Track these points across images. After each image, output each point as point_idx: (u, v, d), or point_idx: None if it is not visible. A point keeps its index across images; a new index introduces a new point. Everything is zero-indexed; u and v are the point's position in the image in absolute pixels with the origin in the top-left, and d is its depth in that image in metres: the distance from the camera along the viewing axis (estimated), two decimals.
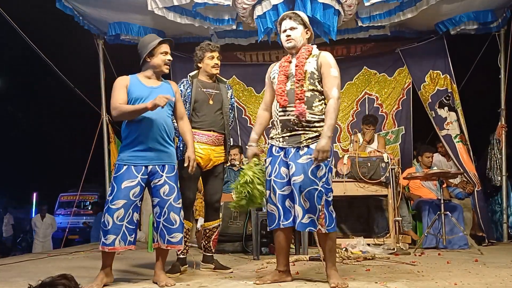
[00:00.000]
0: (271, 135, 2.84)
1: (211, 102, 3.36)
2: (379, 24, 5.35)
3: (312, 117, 2.67)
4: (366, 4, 4.79)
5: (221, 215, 4.13)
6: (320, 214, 2.60)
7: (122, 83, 2.87)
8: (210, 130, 3.34)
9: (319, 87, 2.70)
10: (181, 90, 3.33)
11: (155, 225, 2.84)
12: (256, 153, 2.88)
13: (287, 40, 2.78)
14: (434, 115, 6.01)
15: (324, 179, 2.63)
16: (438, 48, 6.10)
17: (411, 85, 6.41)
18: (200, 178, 3.48)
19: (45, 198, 14.95)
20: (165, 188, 2.80)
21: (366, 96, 6.58)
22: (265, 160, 2.86)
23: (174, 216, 2.79)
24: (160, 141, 2.82)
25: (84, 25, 5.79)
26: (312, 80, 2.69)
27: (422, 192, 5.36)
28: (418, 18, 5.30)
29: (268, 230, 2.92)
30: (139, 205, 2.85)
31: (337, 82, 2.68)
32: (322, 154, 2.56)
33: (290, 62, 2.81)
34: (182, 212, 2.86)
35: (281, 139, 2.73)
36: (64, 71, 6.01)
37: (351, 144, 5.46)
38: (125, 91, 2.84)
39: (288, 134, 2.70)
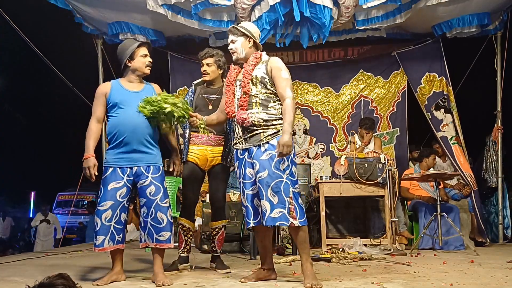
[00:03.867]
0: (234, 140, 2.94)
1: (210, 107, 3.43)
2: (376, 26, 5.37)
3: (269, 117, 2.78)
4: (364, 6, 4.81)
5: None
6: (290, 206, 2.67)
7: (100, 92, 2.94)
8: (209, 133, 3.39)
9: (272, 89, 2.82)
10: (186, 98, 3.48)
11: (142, 225, 2.88)
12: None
13: (231, 53, 2.95)
14: (430, 117, 6.05)
15: (288, 171, 2.73)
16: (434, 50, 6.15)
17: (406, 88, 6.47)
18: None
19: (43, 197, 14.91)
20: (151, 189, 2.85)
21: (362, 98, 6.64)
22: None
23: (161, 215, 2.84)
24: (144, 143, 2.88)
25: (85, 29, 5.80)
26: (263, 84, 2.81)
27: (419, 194, 5.38)
28: (414, 21, 5.33)
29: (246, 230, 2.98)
30: (127, 206, 2.90)
31: (289, 83, 2.81)
32: (286, 148, 2.64)
33: (239, 71, 2.95)
34: (170, 212, 2.90)
35: (243, 141, 2.85)
36: (63, 71, 6.02)
37: (349, 145, 5.47)
38: (102, 102, 2.92)
39: (249, 135, 2.81)
